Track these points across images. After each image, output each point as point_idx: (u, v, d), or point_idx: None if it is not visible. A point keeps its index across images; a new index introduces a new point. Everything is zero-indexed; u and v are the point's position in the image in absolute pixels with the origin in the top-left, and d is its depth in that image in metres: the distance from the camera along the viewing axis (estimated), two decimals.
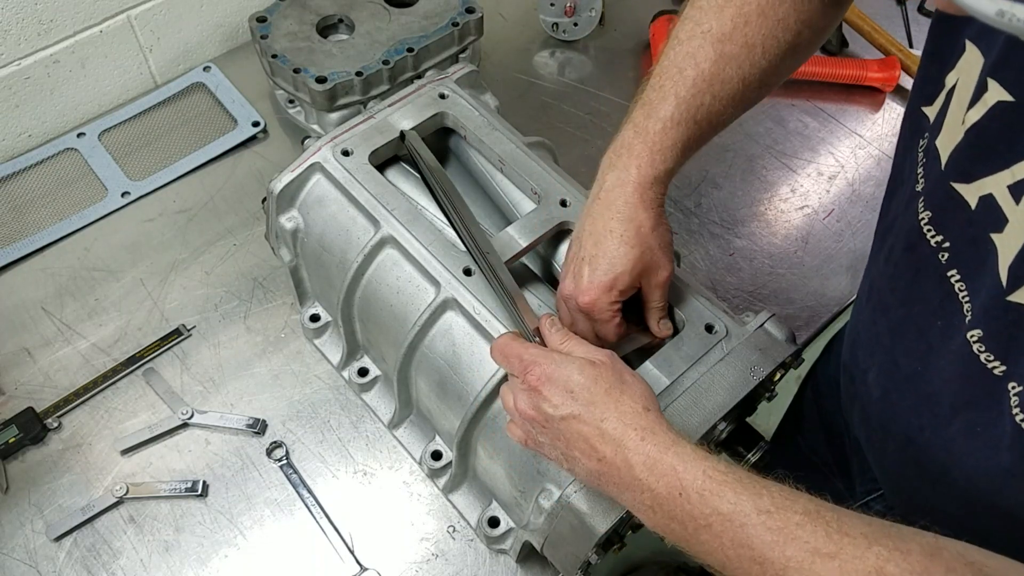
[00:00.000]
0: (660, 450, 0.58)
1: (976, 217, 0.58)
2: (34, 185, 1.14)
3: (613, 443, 0.60)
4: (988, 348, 0.58)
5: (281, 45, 1.12)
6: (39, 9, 1.08)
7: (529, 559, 0.87)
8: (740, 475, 0.56)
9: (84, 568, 0.86)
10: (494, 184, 0.91)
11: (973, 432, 0.63)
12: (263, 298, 1.05)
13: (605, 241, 0.73)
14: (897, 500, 0.86)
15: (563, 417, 0.62)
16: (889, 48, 1.30)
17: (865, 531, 0.51)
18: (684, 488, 0.56)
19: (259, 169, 1.16)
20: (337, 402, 0.97)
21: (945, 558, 0.49)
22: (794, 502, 0.53)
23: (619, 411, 0.60)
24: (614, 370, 0.63)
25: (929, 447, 0.69)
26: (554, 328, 0.69)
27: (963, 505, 0.69)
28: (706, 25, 0.73)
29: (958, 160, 0.59)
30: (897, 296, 0.71)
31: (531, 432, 0.66)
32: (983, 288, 0.58)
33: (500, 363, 0.69)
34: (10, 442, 0.91)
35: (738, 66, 0.73)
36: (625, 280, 0.73)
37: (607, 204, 0.73)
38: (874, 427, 0.80)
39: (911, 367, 0.70)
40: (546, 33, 1.33)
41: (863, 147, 1.24)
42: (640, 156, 0.73)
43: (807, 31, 0.74)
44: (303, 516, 0.89)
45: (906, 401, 0.72)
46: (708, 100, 0.73)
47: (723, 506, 0.54)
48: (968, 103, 0.57)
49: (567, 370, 0.63)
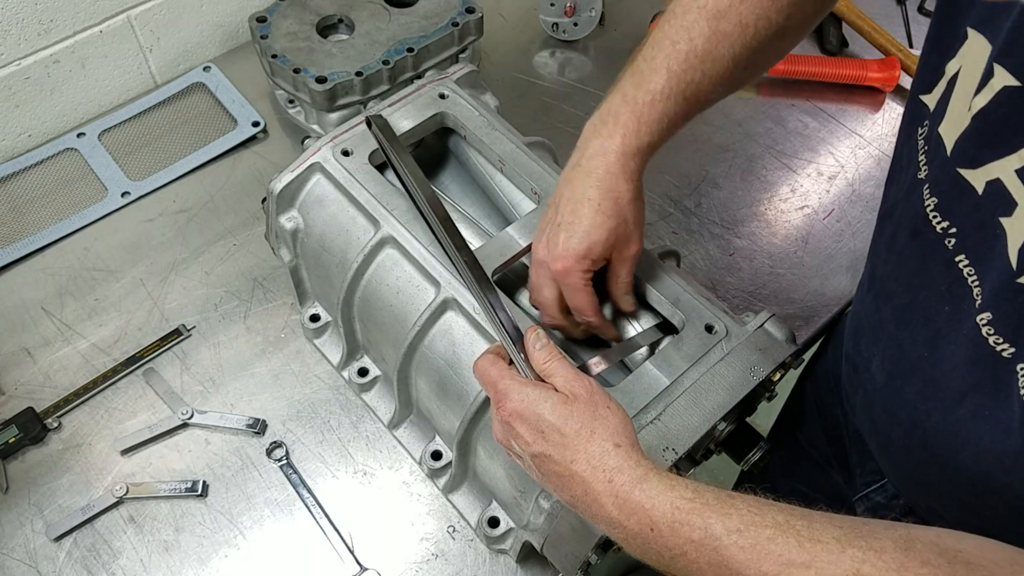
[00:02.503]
0: (628, 489, 0.58)
1: (984, 202, 0.58)
2: (34, 185, 1.14)
3: (582, 484, 0.60)
4: (997, 331, 0.59)
5: (281, 45, 1.12)
6: (39, 9, 1.08)
7: (529, 559, 0.87)
8: (707, 497, 0.56)
9: (84, 568, 0.86)
10: (494, 184, 0.91)
11: (981, 415, 0.63)
12: (263, 298, 1.05)
13: (582, 208, 0.73)
14: (903, 487, 0.86)
15: (533, 455, 0.63)
16: (889, 48, 1.30)
17: (837, 535, 0.51)
18: (655, 523, 0.57)
19: (259, 169, 1.16)
20: (337, 402, 0.97)
21: (919, 550, 0.49)
22: (763, 516, 0.53)
23: (588, 452, 0.60)
24: (589, 404, 0.62)
25: (936, 432, 0.69)
26: (539, 344, 0.67)
27: (971, 488, 0.70)
28: (702, 0, 0.73)
29: (964, 146, 0.60)
30: (902, 283, 0.71)
31: (511, 450, 0.67)
32: (992, 271, 0.58)
33: (480, 384, 0.69)
34: (10, 442, 0.91)
35: (730, 45, 0.73)
36: (598, 250, 0.73)
37: (587, 171, 0.73)
38: (879, 414, 0.80)
39: (917, 353, 0.70)
40: (546, 33, 1.33)
41: (863, 147, 1.24)
42: (626, 126, 0.73)
43: (797, 14, 0.74)
44: (303, 516, 0.89)
45: (912, 387, 0.72)
46: (698, 77, 0.73)
47: (694, 534, 0.55)
48: (975, 90, 0.58)
49: (539, 408, 0.62)
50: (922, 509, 0.85)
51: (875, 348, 0.78)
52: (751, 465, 0.81)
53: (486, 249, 0.81)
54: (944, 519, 0.81)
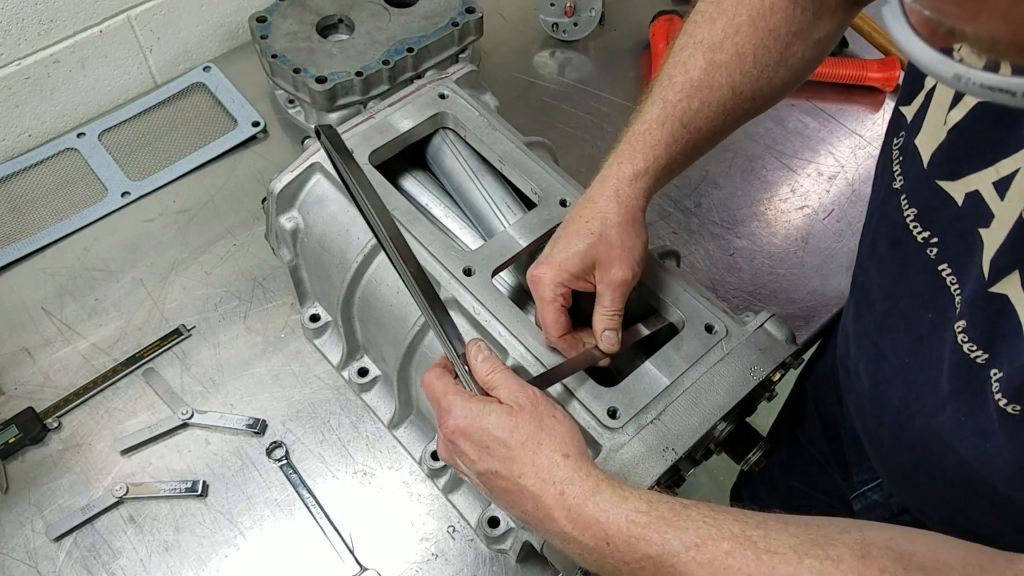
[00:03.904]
0: (580, 502, 0.57)
1: (963, 213, 0.59)
2: (34, 185, 1.14)
3: (533, 499, 0.59)
4: (971, 338, 0.59)
5: (281, 45, 1.12)
6: (39, 9, 1.08)
7: (529, 559, 0.87)
8: (663, 511, 0.55)
9: (84, 568, 0.86)
10: (478, 190, 0.90)
11: (959, 421, 0.64)
12: (263, 298, 1.05)
13: (570, 225, 0.74)
14: (895, 487, 0.87)
15: (480, 472, 0.62)
16: (889, 48, 1.30)
17: (793, 544, 0.51)
18: (610, 537, 0.56)
19: (259, 169, 1.16)
20: (337, 402, 0.97)
21: (875, 556, 0.49)
22: (719, 529, 0.53)
23: (536, 465, 0.59)
24: (534, 415, 0.61)
25: (921, 435, 0.70)
26: (480, 356, 0.65)
27: (957, 490, 0.71)
28: (698, 36, 0.74)
29: (941, 159, 0.61)
30: (883, 290, 0.72)
31: (457, 468, 0.66)
32: (970, 280, 0.59)
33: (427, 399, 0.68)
34: (10, 442, 0.91)
35: (728, 74, 0.73)
36: (575, 263, 0.71)
37: (587, 199, 0.75)
38: (868, 417, 0.81)
39: (899, 359, 0.71)
40: (546, 33, 1.33)
41: (863, 147, 1.24)
42: (621, 154, 0.74)
43: (799, 43, 0.74)
44: (303, 516, 0.89)
45: (895, 392, 0.73)
46: (695, 105, 0.74)
47: (651, 549, 0.54)
48: (949, 104, 0.59)
49: (482, 423, 0.61)
50: (914, 509, 0.86)
51: (860, 353, 0.78)
52: (751, 465, 0.81)
53: (486, 249, 0.81)
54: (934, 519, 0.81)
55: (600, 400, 0.72)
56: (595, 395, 0.72)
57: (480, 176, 0.90)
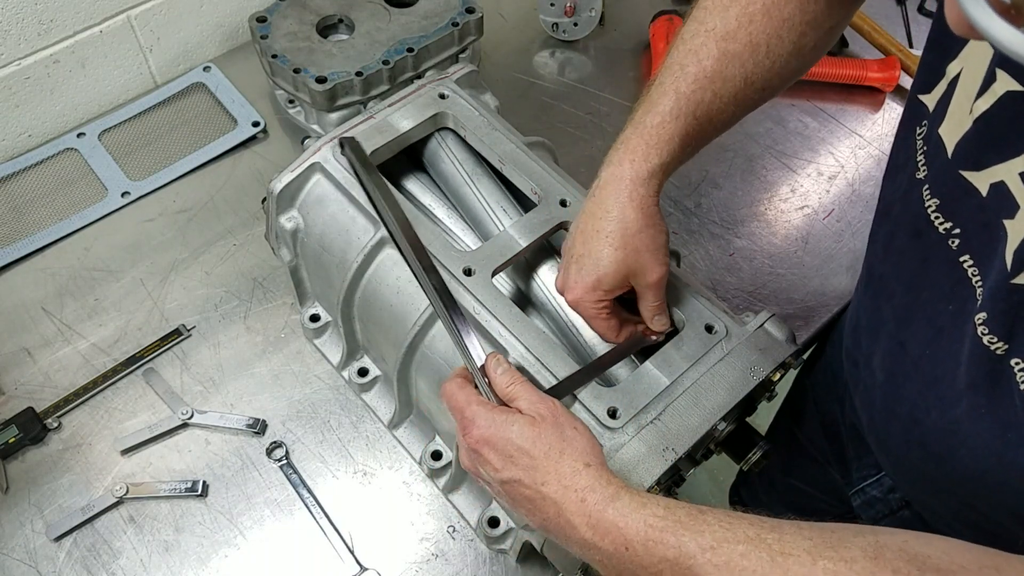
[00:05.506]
0: (600, 508, 0.58)
1: (988, 203, 0.58)
2: (34, 185, 1.14)
3: (555, 506, 0.60)
4: (992, 330, 0.59)
5: (281, 45, 1.12)
6: (39, 9, 1.08)
7: (529, 559, 0.87)
8: (680, 515, 0.56)
9: (84, 568, 0.86)
10: (474, 194, 0.90)
11: (978, 414, 0.64)
12: (263, 298, 1.05)
13: (591, 241, 0.73)
14: (901, 482, 0.87)
15: (503, 481, 0.63)
16: (889, 48, 1.30)
17: (807, 546, 0.51)
18: (629, 542, 0.57)
19: (259, 169, 1.16)
20: (337, 402, 0.97)
21: (888, 558, 0.49)
22: (735, 532, 0.54)
23: (558, 473, 0.60)
24: (555, 425, 0.63)
25: (935, 428, 0.70)
26: (500, 369, 0.67)
27: (968, 485, 0.70)
28: (710, 24, 0.73)
29: (966, 148, 0.60)
30: (902, 282, 0.71)
31: (480, 477, 0.67)
32: (993, 272, 0.59)
33: (447, 408, 0.68)
34: (10, 442, 0.91)
35: (741, 64, 0.73)
36: (609, 281, 0.73)
37: (599, 201, 0.74)
38: (878, 410, 0.80)
39: (919, 351, 0.70)
40: (546, 33, 1.33)
41: (863, 147, 1.24)
42: (635, 151, 0.73)
43: (812, 32, 0.74)
44: (303, 516, 0.89)
45: (912, 384, 0.72)
46: (709, 97, 0.73)
47: (668, 552, 0.55)
48: (976, 93, 0.58)
49: (506, 432, 0.62)
50: (919, 504, 0.86)
51: (875, 346, 0.78)
52: (751, 465, 0.81)
53: (486, 249, 0.81)
54: (941, 515, 0.81)
55: (600, 400, 0.72)
56: (595, 395, 0.72)
57: (476, 180, 0.90)
